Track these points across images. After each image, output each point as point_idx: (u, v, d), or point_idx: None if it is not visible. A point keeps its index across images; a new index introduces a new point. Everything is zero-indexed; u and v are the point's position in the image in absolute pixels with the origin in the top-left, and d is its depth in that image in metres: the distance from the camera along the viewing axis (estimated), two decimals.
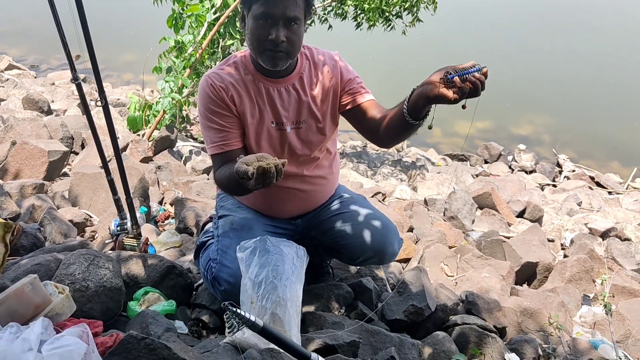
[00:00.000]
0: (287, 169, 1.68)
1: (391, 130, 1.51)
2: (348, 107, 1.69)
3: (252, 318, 1.13)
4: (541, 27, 12.72)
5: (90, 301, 1.57)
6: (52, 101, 6.22)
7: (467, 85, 1.20)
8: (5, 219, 1.55)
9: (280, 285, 1.32)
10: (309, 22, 1.61)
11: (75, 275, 1.59)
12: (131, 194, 2.12)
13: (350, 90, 1.68)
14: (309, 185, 1.77)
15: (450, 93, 1.22)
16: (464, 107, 1.24)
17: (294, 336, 1.34)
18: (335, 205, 1.84)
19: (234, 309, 1.11)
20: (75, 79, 1.77)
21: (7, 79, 7.11)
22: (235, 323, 1.11)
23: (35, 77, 8.38)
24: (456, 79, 1.19)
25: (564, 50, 11.51)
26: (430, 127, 1.37)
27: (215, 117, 1.60)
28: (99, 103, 1.76)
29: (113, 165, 2.09)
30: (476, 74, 1.20)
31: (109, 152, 2.08)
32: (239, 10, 1.64)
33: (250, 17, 1.51)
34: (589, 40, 12.14)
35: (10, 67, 8.38)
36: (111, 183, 2.05)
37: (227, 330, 1.14)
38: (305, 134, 1.68)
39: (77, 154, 4.10)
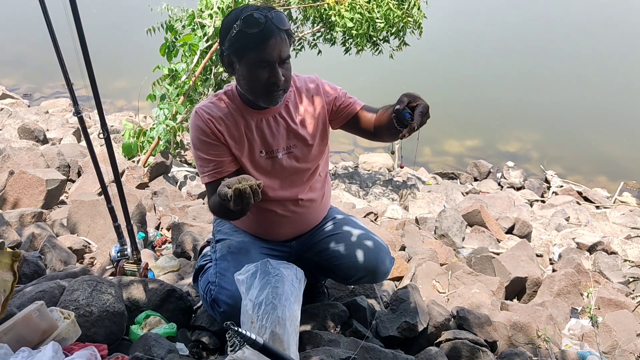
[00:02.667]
0: (282, 193, 1.77)
1: (384, 133, 1.65)
2: (345, 122, 1.78)
3: (253, 336, 1.19)
4: (527, 47, 13.04)
5: (95, 326, 1.62)
6: (47, 130, 6.28)
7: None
8: (12, 248, 1.61)
9: (280, 306, 1.39)
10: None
11: (79, 301, 1.65)
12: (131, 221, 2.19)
13: (341, 105, 1.76)
14: (302, 208, 1.83)
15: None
16: (401, 166, 1.39)
17: (293, 354, 1.41)
18: (329, 226, 1.90)
19: (236, 328, 1.18)
20: (77, 112, 1.85)
21: (2, 109, 7.18)
22: (237, 341, 1.17)
23: (29, 106, 8.44)
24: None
25: (551, 68, 11.79)
26: (392, 152, 1.51)
27: (206, 148, 1.65)
28: (101, 135, 1.84)
29: (109, 192, 2.16)
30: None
31: (106, 179, 2.16)
32: (221, 54, 1.62)
33: (244, 64, 1.54)
34: (575, 58, 12.45)
35: (3, 97, 8.45)
36: (111, 211, 2.12)
37: (229, 349, 1.20)
38: (296, 158, 1.75)
39: (73, 181, 4.16)
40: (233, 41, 1.53)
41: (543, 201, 6.81)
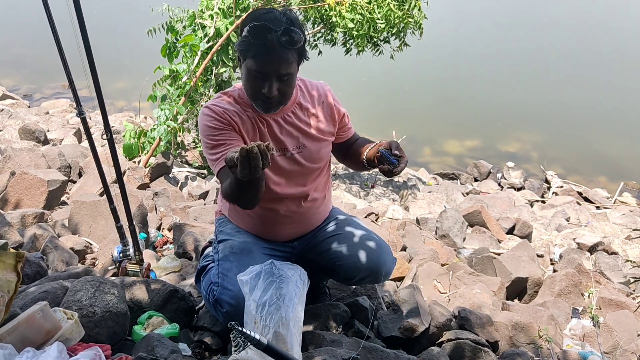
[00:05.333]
0: (289, 191, 1.77)
1: (354, 164, 1.90)
2: (337, 142, 1.89)
3: (257, 336, 1.20)
4: (528, 47, 13.05)
5: (98, 326, 1.63)
6: (48, 130, 6.29)
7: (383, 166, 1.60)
8: (15, 249, 1.61)
9: (284, 306, 1.40)
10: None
11: (82, 302, 1.65)
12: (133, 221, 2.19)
13: (344, 127, 1.87)
14: (305, 208, 1.84)
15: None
16: (372, 185, 1.51)
17: (296, 354, 1.41)
18: (331, 227, 1.91)
19: (240, 328, 1.18)
20: (80, 113, 1.86)
21: (2, 109, 7.18)
22: (241, 342, 1.18)
23: (29, 107, 8.44)
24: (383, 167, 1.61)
25: (551, 68, 11.80)
26: (372, 186, 1.75)
27: (218, 135, 1.62)
28: (104, 136, 1.85)
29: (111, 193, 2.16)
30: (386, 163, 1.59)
31: (108, 179, 2.16)
32: (235, 49, 1.72)
33: (245, 67, 1.57)
34: (575, 58, 12.46)
35: (4, 97, 8.45)
36: (114, 211, 2.12)
37: (233, 349, 1.21)
38: (305, 158, 1.77)
39: (74, 182, 4.16)
40: (240, 43, 1.56)
41: (543, 201, 6.82)
